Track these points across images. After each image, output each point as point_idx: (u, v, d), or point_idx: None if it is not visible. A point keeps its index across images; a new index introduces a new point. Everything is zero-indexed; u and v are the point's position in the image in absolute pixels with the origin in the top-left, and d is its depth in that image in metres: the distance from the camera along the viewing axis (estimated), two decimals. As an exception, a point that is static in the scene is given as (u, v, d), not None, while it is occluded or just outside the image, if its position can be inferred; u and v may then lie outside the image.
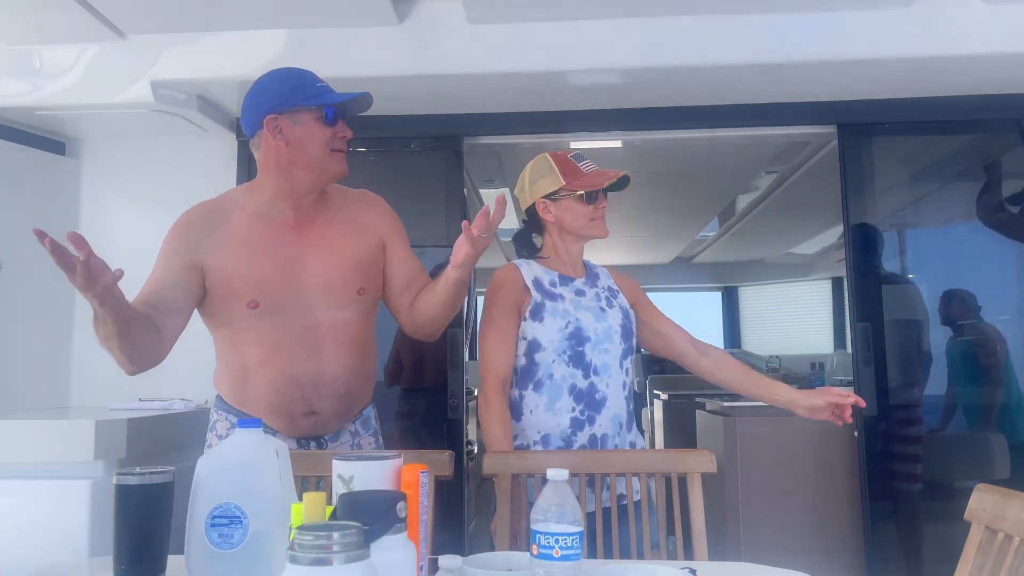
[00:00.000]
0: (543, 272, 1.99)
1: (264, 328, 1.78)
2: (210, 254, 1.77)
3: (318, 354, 1.80)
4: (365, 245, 1.87)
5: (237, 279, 1.77)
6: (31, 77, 2.97)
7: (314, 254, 1.81)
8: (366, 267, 1.86)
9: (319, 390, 1.80)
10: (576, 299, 1.96)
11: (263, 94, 1.77)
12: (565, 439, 1.88)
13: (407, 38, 2.87)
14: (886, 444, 3.17)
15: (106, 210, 3.38)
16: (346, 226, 1.87)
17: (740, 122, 3.32)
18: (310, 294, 1.79)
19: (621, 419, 1.92)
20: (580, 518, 1.05)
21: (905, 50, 2.78)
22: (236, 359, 1.84)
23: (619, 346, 1.93)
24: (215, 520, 1.29)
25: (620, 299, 2.03)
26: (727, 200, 6.10)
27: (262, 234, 1.80)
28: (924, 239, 3.40)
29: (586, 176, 1.96)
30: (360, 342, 1.88)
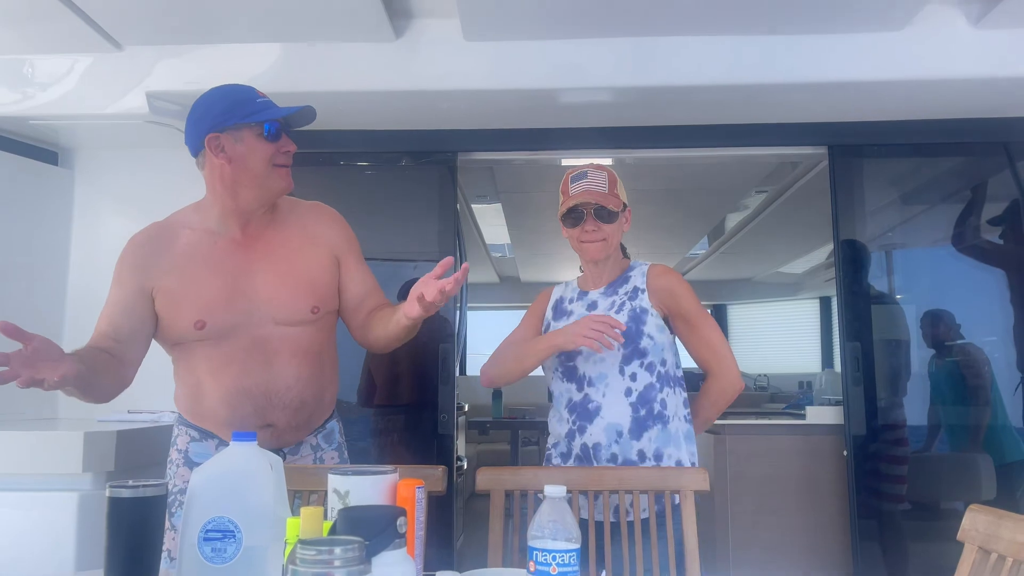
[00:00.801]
0: (571, 291, 2.10)
1: (214, 345, 1.77)
2: (157, 277, 1.76)
3: (268, 365, 1.78)
4: (317, 261, 1.85)
5: (183, 300, 1.76)
6: (25, 86, 2.97)
7: (263, 272, 1.79)
8: (319, 284, 1.84)
9: (271, 401, 1.78)
10: (582, 314, 1.99)
11: (203, 113, 1.74)
12: (566, 448, 1.96)
13: (403, 54, 2.89)
14: (874, 463, 3.18)
15: (98, 220, 3.36)
16: (297, 241, 1.84)
17: (731, 142, 3.35)
18: (259, 311, 1.77)
19: (621, 427, 1.89)
20: (577, 535, 1.05)
21: (895, 73, 2.83)
22: (190, 375, 1.84)
23: (617, 352, 1.90)
24: (208, 534, 1.28)
25: (639, 300, 1.95)
26: (717, 218, 6.13)
27: (209, 253, 1.79)
28: (913, 260, 3.44)
29: (567, 199, 1.99)
30: (315, 352, 1.85)
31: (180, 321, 1.76)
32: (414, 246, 3.41)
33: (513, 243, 6.85)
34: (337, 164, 3.46)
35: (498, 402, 6.17)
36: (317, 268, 1.84)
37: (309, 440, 1.90)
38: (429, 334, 3.35)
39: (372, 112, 3.16)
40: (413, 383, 3.37)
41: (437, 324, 3.35)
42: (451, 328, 3.36)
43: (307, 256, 1.83)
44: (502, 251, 7.44)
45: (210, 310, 1.75)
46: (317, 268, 1.84)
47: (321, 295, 1.83)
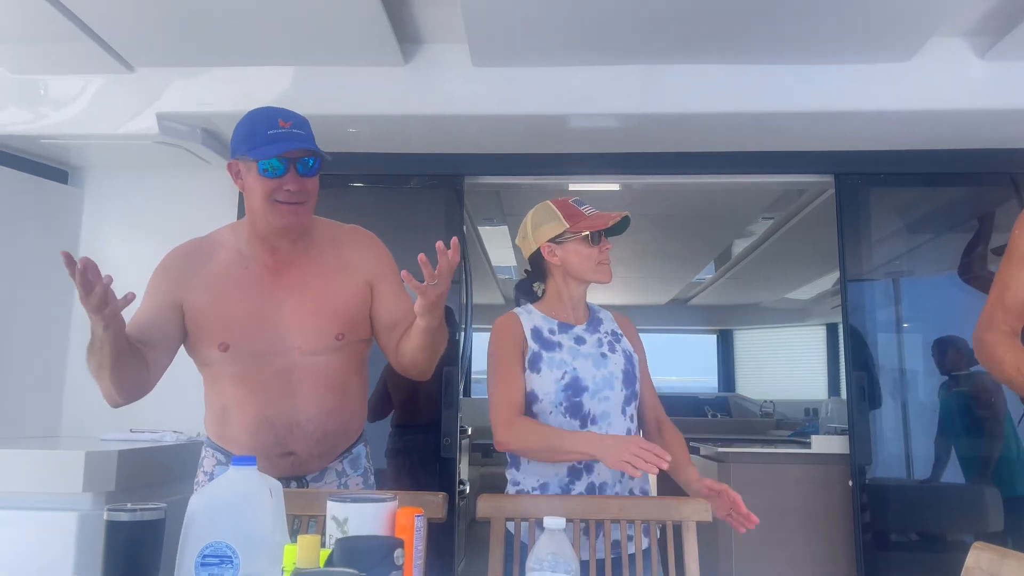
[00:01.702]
0: (543, 320, 1.98)
1: (238, 370, 1.78)
2: (188, 293, 1.78)
3: (292, 397, 1.79)
4: (348, 288, 1.83)
5: (209, 320, 1.77)
6: (37, 106, 3.00)
7: (291, 298, 1.79)
8: (347, 311, 1.82)
9: (292, 432, 1.79)
10: (575, 347, 1.93)
11: (233, 136, 1.76)
12: (563, 487, 1.86)
13: (412, 78, 2.92)
14: (880, 494, 3.15)
15: (107, 239, 3.38)
16: (329, 268, 1.83)
17: (738, 169, 3.36)
18: (284, 338, 1.77)
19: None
20: (576, 568, 1.04)
21: (902, 103, 2.84)
22: (216, 399, 1.86)
23: (620, 392, 1.90)
24: (206, 559, 1.27)
25: (624, 343, 2.00)
26: (723, 244, 6.13)
27: (239, 276, 1.80)
28: (919, 288, 3.42)
29: (589, 218, 1.96)
30: (340, 384, 1.84)
31: (205, 340, 1.78)
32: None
33: (519, 265, 6.86)
34: (345, 186, 3.47)
35: (502, 425, 6.13)
36: (347, 295, 1.83)
37: (334, 466, 1.89)
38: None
39: (380, 136, 3.18)
40: (418, 406, 3.37)
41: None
42: (456, 351, 3.36)
43: (338, 283, 1.82)
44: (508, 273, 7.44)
45: (234, 333, 1.76)
46: (347, 295, 1.83)
47: (348, 322, 1.82)
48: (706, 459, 4.01)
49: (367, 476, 1.97)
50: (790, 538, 3.42)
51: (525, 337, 1.93)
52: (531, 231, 2.02)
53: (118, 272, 3.41)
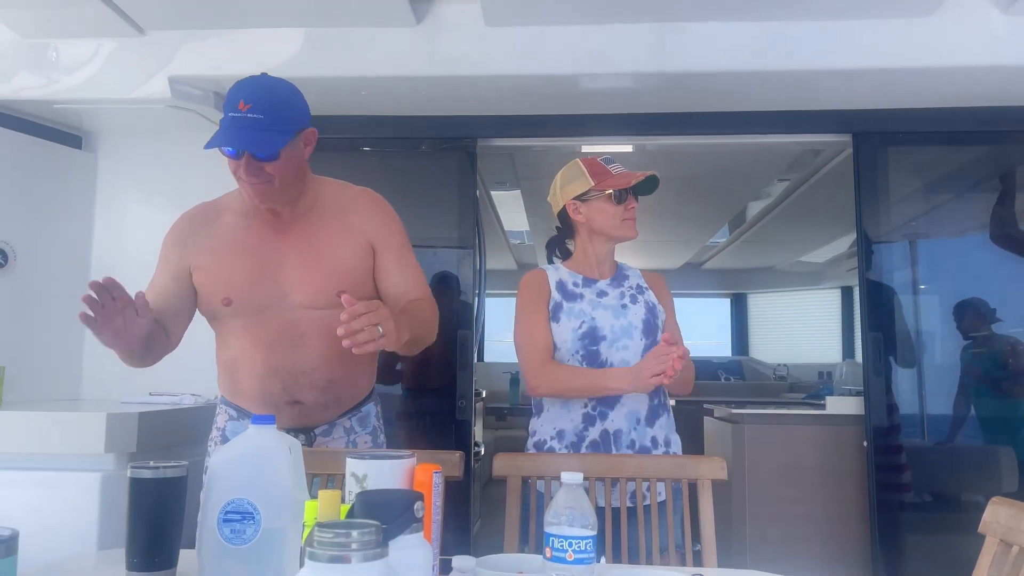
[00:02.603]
0: (568, 275, 2.05)
1: (245, 324, 1.83)
2: (196, 255, 1.84)
3: (295, 347, 1.82)
4: (350, 248, 1.84)
5: (214, 277, 1.83)
6: (49, 71, 2.99)
7: (292, 256, 1.82)
8: (349, 272, 1.83)
9: (298, 380, 1.83)
10: (596, 299, 1.99)
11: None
12: (577, 434, 1.92)
13: (424, 39, 2.88)
14: (895, 454, 3.16)
15: (121, 204, 3.39)
16: (333, 229, 1.84)
17: (753, 129, 3.32)
18: (286, 294, 1.81)
19: (639, 414, 1.93)
20: (594, 522, 1.05)
21: (923, 60, 2.78)
22: (225, 352, 1.91)
23: (640, 342, 1.95)
24: (227, 515, 1.29)
25: (648, 295, 2.05)
26: (738, 207, 6.08)
27: (243, 236, 1.84)
28: (938, 249, 3.39)
29: (615, 177, 2.00)
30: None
31: (211, 296, 1.84)
32: (434, 232, 3.41)
33: (532, 230, 6.84)
34: (357, 150, 3.46)
35: (515, 389, 6.18)
36: (348, 255, 1.84)
37: (342, 422, 1.92)
38: (448, 320, 3.36)
39: (392, 97, 3.16)
40: (432, 369, 3.38)
41: (456, 310, 3.35)
42: (470, 314, 3.37)
43: (340, 244, 1.84)
44: (521, 238, 7.43)
45: (237, 289, 1.81)
46: (348, 255, 1.84)
47: (349, 281, 1.82)
48: (720, 420, 4.03)
49: (376, 435, 1.99)
50: (804, 498, 3.45)
51: (550, 289, 2.01)
52: (559, 188, 2.07)
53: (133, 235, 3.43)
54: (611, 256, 2.09)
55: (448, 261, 3.39)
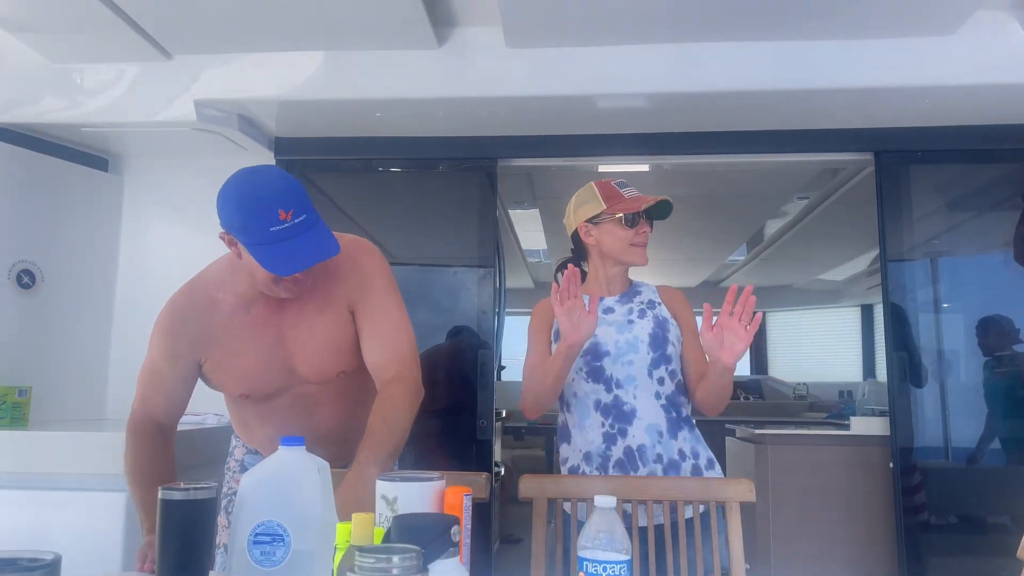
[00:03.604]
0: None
1: (257, 405, 1.83)
2: (204, 349, 1.76)
3: (310, 415, 1.82)
4: (335, 322, 1.76)
5: (228, 374, 1.78)
6: (77, 94, 3.04)
7: (293, 338, 1.76)
8: (343, 348, 1.77)
9: (315, 444, 1.78)
10: (601, 317, 1.98)
11: (222, 208, 1.59)
12: (601, 455, 1.90)
13: (446, 61, 2.91)
14: (921, 475, 3.11)
15: (146, 226, 3.43)
16: (317, 303, 1.76)
17: (772, 148, 3.31)
18: (295, 373, 1.78)
19: (660, 428, 1.90)
20: (629, 547, 1.04)
21: (945, 79, 2.77)
22: (237, 413, 1.91)
23: (646, 356, 1.93)
24: (258, 537, 1.30)
25: (659, 310, 2.03)
26: (757, 225, 6.07)
27: (245, 323, 1.75)
28: (961, 268, 3.36)
29: (626, 201, 2.00)
30: (358, 396, 1.83)
31: (227, 389, 1.82)
32: (453, 252, 3.43)
33: (550, 248, 6.85)
34: (377, 171, 3.48)
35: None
36: (337, 330, 1.76)
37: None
38: (468, 340, 3.37)
39: (414, 119, 3.18)
40: (453, 389, 3.38)
41: (474, 337, 3.36)
42: (490, 334, 3.37)
43: (327, 318, 1.76)
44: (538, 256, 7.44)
45: (251, 383, 1.78)
46: (337, 330, 1.76)
47: (347, 360, 1.79)
48: (742, 441, 3.99)
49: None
50: (829, 520, 3.41)
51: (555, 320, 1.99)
52: (572, 210, 2.08)
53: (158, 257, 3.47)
54: (622, 277, 2.08)
55: (468, 281, 3.40)
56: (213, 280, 1.79)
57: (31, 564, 0.87)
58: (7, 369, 2.88)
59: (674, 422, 1.93)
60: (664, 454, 1.89)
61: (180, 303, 1.77)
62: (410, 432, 1.76)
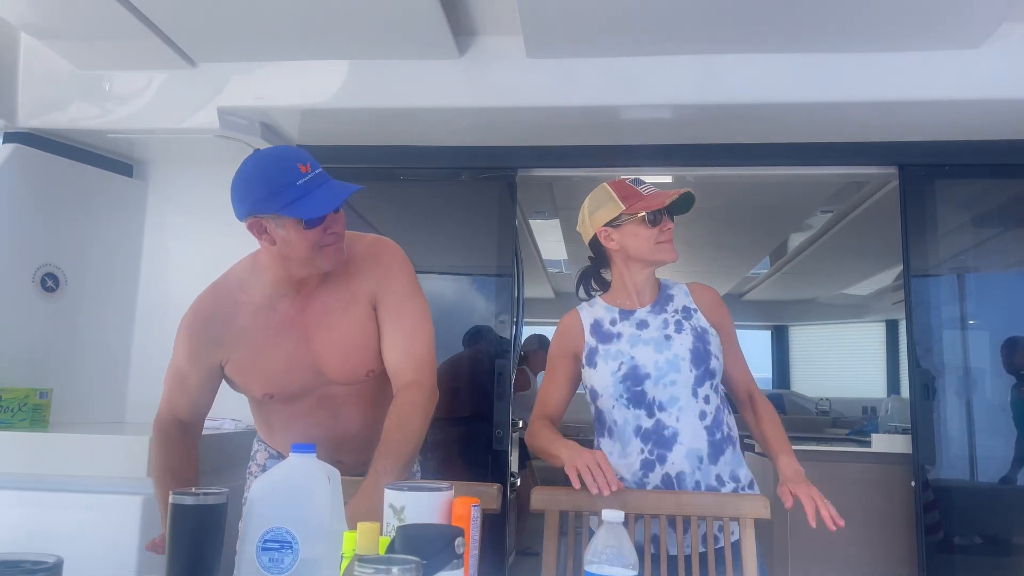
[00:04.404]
0: (605, 311, 1.92)
1: (282, 404, 1.82)
2: (227, 352, 1.77)
3: (335, 417, 1.82)
4: (360, 321, 1.76)
5: (251, 373, 1.78)
6: (103, 101, 3.09)
7: (319, 337, 1.76)
8: (369, 348, 1.77)
9: (339, 447, 1.80)
10: (636, 333, 1.86)
11: (243, 195, 1.62)
12: (637, 482, 1.80)
13: (467, 71, 2.92)
14: (945, 495, 3.05)
15: (169, 231, 3.47)
16: (344, 299, 1.76)
17: (796, 161, 3.28)
18: (321, 375, 1.78)
19: (701, 453, 1.79)
20: (635, 561, 1.02)
21: (972, 92, 2.73)
22: (261, 416, 1.91)
23: (689, 374, 1.80)
24: (266, 544, 1.30)
25: (696, 319, 1.88)
26: (780, 238, 6.02)
27: (268, 323, 1.76)
28: (987, 284, 3.30)
29: (646, 198, 1.86)
30: (379, 399, 1.83)
31: (251, 390, 1.82)
32: (473, 261, 3.43)
33: (570, 259, 6.84)
34: (398, 179, 3.50)
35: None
36: (362, 330, 1.77)
37: None
38: (486, 349, 3.36)
39: (434, 128, 3.20)
40: (470, 399, 3.38)
41: (493, 340, 3.35)
42: (507, 344, 3.36)
43: (352, 316, 1.76)
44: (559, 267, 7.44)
45: (276, 383, 1.78)
46: (362, 330, 1.77)
47: (374, 359, 1.78)
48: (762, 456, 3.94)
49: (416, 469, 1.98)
50: (849, 538, 3.35)
51: (583, 335, 1.90)
52: (588, 216, 1.93)
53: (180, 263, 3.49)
54: (651, 280, 1.93)
55: (487, 290, 3.40)
56: (236, 281, 1.80)
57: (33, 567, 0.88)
58: (29, 371, 2.91)
59: (716, 445, 1.81)
60: (702, 480, 1.78)
61: (203, 305, 1.79)
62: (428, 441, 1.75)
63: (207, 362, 1.77)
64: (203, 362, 1.77)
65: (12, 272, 2.95)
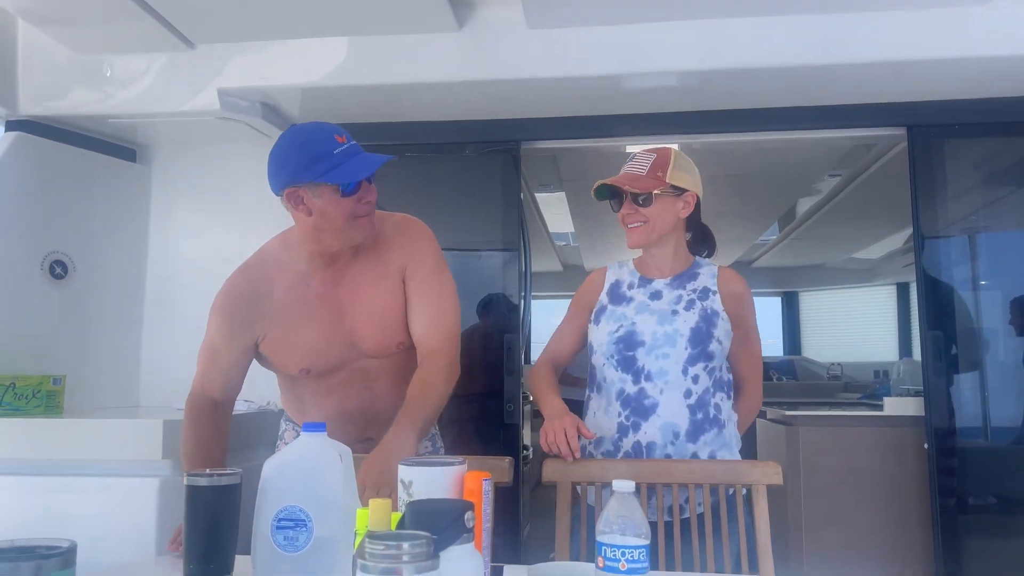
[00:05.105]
0: (628, 274, 2.00)
1: (316, 378, 1.83)
2: (262, 328, 1.79)
3: (369, 391, 1.84)
4: (392, 294, 1.81)
5: (288, 350, 1.80)
6: (103, 86, 3.07)
7: (352, 310, 1.79)
8: (400, 318, 1.81)
9: (372, 421, 1.82)
10: (645, 302, 1.91)
11: (281, 165, 1.68)
12: (613, 443, 1.87)
13: (467, 44, 2.89)
14: (957, 457, 3.05)
15: (174, 215, 3.47)
16: (377, 272, 1.81)
17: (803, 124, 3.25)
18: (355, 347, 1.80)
19: (677, 428, 1.82)
20: (647, 531, 1.03)
21: (979, 50, 2.69)
22: (293, 393, 1.92)
23: (684, 351, 1.84)
24: (280, 523, 1.31)
25: (711, 301, 1.90)
26: (788, 204, 5.98)
27: (303, 298, 1.79)
28: (998, 244, 3.27)
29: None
30: (409, 374, 1.84)
31: (286, 366, 1.83)
32: (479, 236, 3.42)
33: (577, 231, 6.82)
34: (402, 156, 3.47)
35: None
36: (393, 302, 1.81)
37: None
38: (495, 324, 3.36)
39: (436, 103, 3.17)
40: (480, 373, 3.39)
41: (503, 314, 3.35)
42: (516, 318, 3.36)
43: (384, 288, 1.81)
44: (566, 239, 7.41)
45: (312, 358, 1.80)
46: (393, 302, 1.81)
47: (404, 331, 1.82)
48: (773, 423, 3.95)
49: (435, 440, 2.01)
50: (862, 503, 3.36)
51: (600, 292, 1.98)
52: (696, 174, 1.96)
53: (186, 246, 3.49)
54: (669, 256, 1.95)
55: (494, 264, 3.39)
56: (269, 259, 1.84)
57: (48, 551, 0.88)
58: (42, 358, 2.93)
59: (698, 424, 1.84)
60: (674, 455, 1.82)
61: (237, 283, 1.82)
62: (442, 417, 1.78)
63: (242, 340, 1.79)
64: (238, 340, 1.79)
65: (21, 260, 2.96)
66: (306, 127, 1.71)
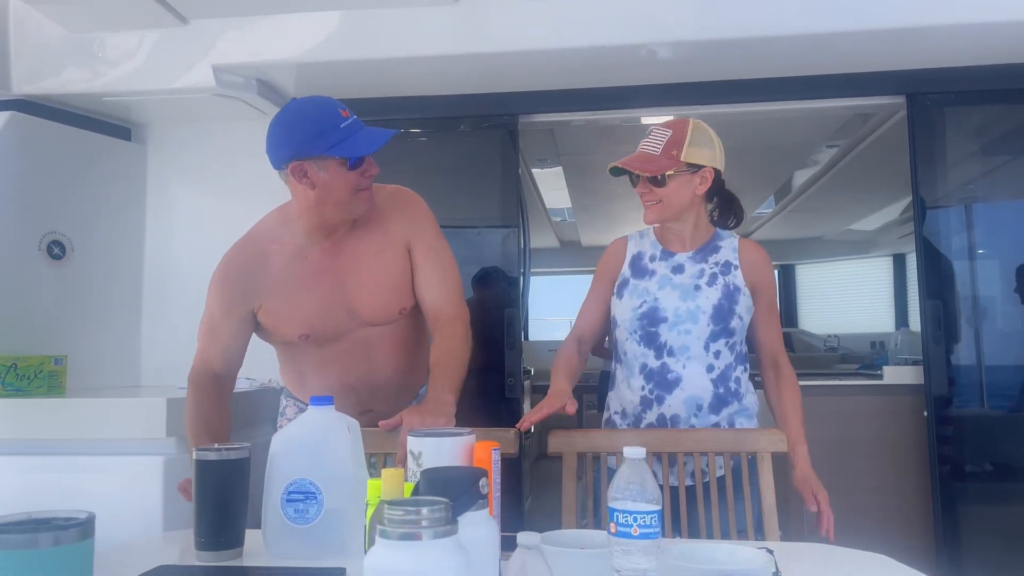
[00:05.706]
0: (650, 246, 1.97)
1: (316, 346, 1.84)
2: (259, 298, 1.81)
3: (369, 361, 1.85)
4: (394, 260, 1.83)
5: (286, 318, 1.81)
6: (96, 64, 3.04)
7: (352, 278, 1.81)
8: (401, 285, 1.83)
9: (373, 393, 1.85)
10: (667, 276, 1.90)
11: (285, 139, 1.69)
12: (636, 415, 1.89)
13: (462, 16, 2.86)
14: (956, 425, 3.08)
15: (171, 193, 3.45)
16: (377, 241, 1.83)
17: (799, 95, 3.23)
18: (355, 317, 1.81)
19: (701, 401, 1.85)
20: (659, 496, 1.04)
21: (979, 16, 2.66)
22: (293, 366, 1.93)
23: (706, 328, 1.85)
24: (291, 496, 1.32)
25: (733, 276, 1.90)
26: (784, 176, 5.95)
27: (302, 269, 1.80)
28: (998, 213, 3.27)
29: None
30: (413, 341, 1.90)
31: (286, 333, 1.83)
32: (477, 212, 3.41)
33: (574, 207, 6.79)
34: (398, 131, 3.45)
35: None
36: (396, 269, 1.83)
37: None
38: (494, 300, 3.36)
39: (432, 77, 3.14)
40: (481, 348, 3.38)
41: (501, 289, 3.35)
42: (515, 293, 3.36)
43: (386, 257, 1.82)
44: (562, 215, 7.39)
45: (311, 324, 1.81)
46: (396, 269, 1.83)
47: (406, 296, 1.84)
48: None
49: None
50: (862, 470, 3.38)
51: (622, 264, 1.97)
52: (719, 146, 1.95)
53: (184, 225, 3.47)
54: (686, 230, 1.93)
55: (492, 240, 3.38)
56: (267, 233, 1.85)
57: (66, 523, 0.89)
58: (43, 339, 2.93)
59: (720, 397, 1.87)
60: (698, 426, 1.84)
61: (234, 257, 1.84)
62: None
63: (240, 312, 1.81)
64: (236, 312, 1.81)
65: (18, 241, 2.94)
66: (310, 101, 1.71)
